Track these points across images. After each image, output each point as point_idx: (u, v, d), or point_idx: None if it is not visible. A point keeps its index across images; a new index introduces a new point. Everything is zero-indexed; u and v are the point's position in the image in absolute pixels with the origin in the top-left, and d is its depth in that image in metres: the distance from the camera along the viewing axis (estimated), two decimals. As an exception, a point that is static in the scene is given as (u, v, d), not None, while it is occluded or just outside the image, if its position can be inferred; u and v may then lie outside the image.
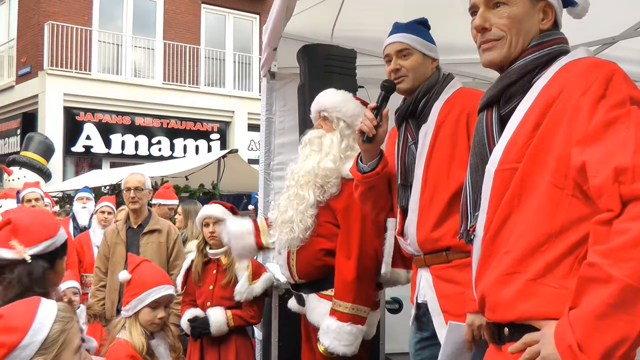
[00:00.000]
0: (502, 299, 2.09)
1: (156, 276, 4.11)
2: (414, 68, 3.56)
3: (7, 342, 2.02)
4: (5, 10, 24.25)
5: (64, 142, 20.96)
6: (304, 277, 4.33)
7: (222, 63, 24.47)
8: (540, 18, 2.30)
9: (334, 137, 4.24)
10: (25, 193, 8.10)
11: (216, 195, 13.73)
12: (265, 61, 6.03)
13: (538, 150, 2.07)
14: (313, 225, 4.19)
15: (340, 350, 4.02)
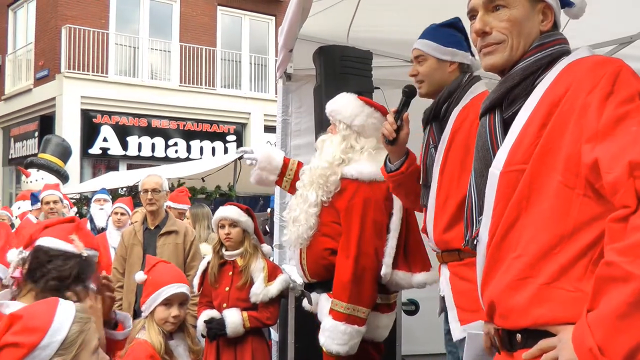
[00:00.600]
0: (515, 305, 2.03)
1: (169, 275, 4.17)
2: (428, 74, 3.63)
3: (27, 342, 2.03)
4: (23, 15, 24.43)
5: (81, 144, 21.08)
6: (315, 276, 4.39)
7: (238, 65, 24.52)
8: (540, 19, 2.26)
9: (333, 139, 4.33)
10: (44, 195, 8.15)
11: (232, 197, 13.73)
12: (281, 63, 6.04)
13: (546, 151, 2.02)
14: (316, 225, 4.25)
15: (334, 349, 4.05)
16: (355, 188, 4.17)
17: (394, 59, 6.37)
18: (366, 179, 4.17)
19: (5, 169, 25.22)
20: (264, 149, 4.94)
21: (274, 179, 4.84)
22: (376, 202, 4.15)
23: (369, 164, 4.19)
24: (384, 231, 4.19)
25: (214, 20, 24.24)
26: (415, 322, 5.73)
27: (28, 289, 2.86)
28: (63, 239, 2.97)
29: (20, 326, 2.05)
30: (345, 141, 4.30)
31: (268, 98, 23.75)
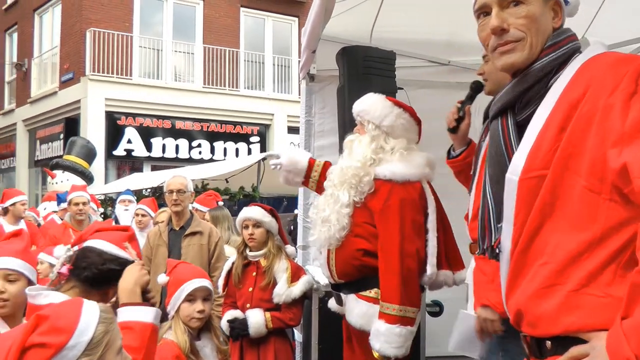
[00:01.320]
0: (544, 313, 1.97)
1: (190, 271, 4.22)
2: (490, 73, 3.77)
3: (55, 342, 2.03)
4: (48, 19, 24.65)
5: (106, 145, 21.22)
6: (343, 277, 4.35)
7: (261, 66, 24.56)
8: (552, 16, 2.18)
9: (362, 139, 4.31)
10: (73, 196, 8.22)
11: (256, 198, 13.76)
12: (305, 63, 6.04)
13: (568, 155, 1.95)
14: (349, 225, 4.22)
15: (391, 353, 4.02)
16: (389, 189, 4.14)
17: (417, 59, 6.36)
18: (399, 179, 4.14)
19: (31, 170, 25.45)
20: (289, 153, 4.93)
21: (299, 180, 4.84)
22: (412, 202, 4.13)
23: (401, 164, 4.18)
24: (422, 231, 4.19)
25: (237, 22, 24.29)
26: (439, 323, 5.70)
27: (71, 286, 2.93)
28: (117, 245, 3.08)
29: (47, 326, 2.06)
30: (375, 142, 4.28)
31: (291, 99, 23.75)
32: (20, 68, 26.08)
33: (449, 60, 6.40)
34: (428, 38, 6.05)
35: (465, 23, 3.78)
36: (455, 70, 6.42)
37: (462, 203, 3.84)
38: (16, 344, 2.00)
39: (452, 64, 6.42)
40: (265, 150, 21.27)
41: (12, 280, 3.41)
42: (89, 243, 3.05)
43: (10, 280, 3.40)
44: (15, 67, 26.58)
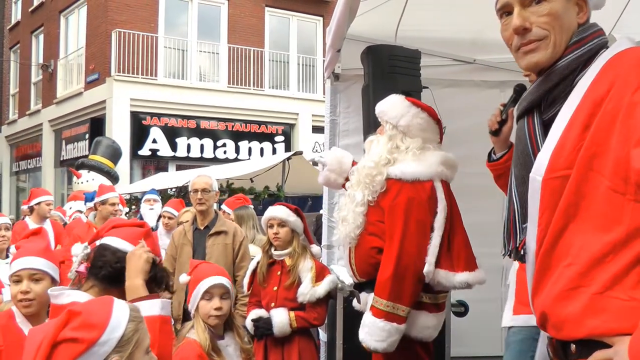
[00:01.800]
0: (568, 315, 1.93)
1: (207, 270, 4.20)
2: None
3: (87, 338, 2.04)
4: (74, 20, 24.83)
5: (131, 145, 21.34)
6: (363, 275, 4.39)
7: (286, 65, 24.58)
8: (576, 11, 2.13)
9: (380, 139, 4.36)
10: (108, 196, 8.25)
11: (281, 197, 13.77)
12: (329, 63, 6.03)
13: (591, 155, 1.90)
14: (364, 224, 4.26)
15: (372, 345, 4.06)
16: (399, 188, 4.17)
17: (442, 58, 6.33)
18: (409, 178, 4.16)
19: (57, 170, 25.66)
20: (334, 152, 4.98)
21: (341, 181, 4.84)
22: (419, 202, 4.13)
23: (413, 163, 4.20)
24: (427, 230, 4.18)
25: (261, 22, 24.32)
26: (464, 323, 5.68)
27: (90, 285, 2.93)
28: (131, 242, 3.04)
29: (79, 322, 2.07)
30: (391, 141, 4.32)
31: (316, 98, 23.74)
32: (46, 69, 26.30)
33: (474, 59, 6.37)
34: (453, 36, 6.03)
35: (491, 21, 3.76)
36: (481, 69, 6.39)
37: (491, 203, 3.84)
38: (48, 339, 2.01)
39: (477, 62, 6.39)
40: (290, 150, 21.24)
41: (37, 279, 3.46)
42: (104, 240, 3.04)
43: (35, 279, 3.46)
44: (42, 68, 26.80)
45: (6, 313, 3.53)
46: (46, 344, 2.00)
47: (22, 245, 3.71)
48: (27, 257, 3.52)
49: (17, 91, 29.99)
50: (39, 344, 2.01)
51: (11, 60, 30.59)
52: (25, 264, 3.50)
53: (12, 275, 3.50)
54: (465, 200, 5.82)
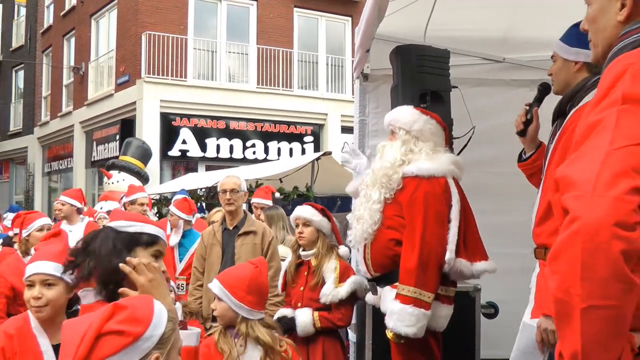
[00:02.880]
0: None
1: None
2: (555, 73, 3.79)
3: (133, 331, 2.05)
4: (105, 23, 25.06)
5: (161, 146, 21.47)
6: (379, 269, 4.58)
7: (315, 66, 24.58)
8: (618, 9, 2.12)
9: (394, 144, 4.60)
10: (139, 196, 8.32)
11: (310, 197, 13.76)
12: (358, 63, 6.02)
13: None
14: (381, 219, 4.49)
15: (403, 331, 4.21)
16: (416, 184, 4.40)
17: (471, 57, 6.30)
18: (425, 174, 4.40)
19: (88, 170, 25.89)
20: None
21: None
22: (436, 195, 4.37)
23: (427, 162, 4.44)
24: (445, 220, 4.40)
25: (290, 22, 24.35)
26: (494, 325, 5.65)
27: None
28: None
29: (125, 315, 2.08)
30: (405, 145, 4.55)
31: (345, 99, 23.70)
32: (77, 72, 26.56)
33: (504, 58, 6.33)
34: (483, 35, 5.99)
35: (520, 19, 3.74)
36: (511, 68, 6.35)
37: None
38: (92, 330, 2.02)
39: (507, 60, 6.34)
40: (319, 150, 21.24)
41: (50, 284, 3.37)
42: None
43: (47, 284, 3.36)
44: (73, 70, 27.08)
45: (21, 317, 3.47)
46: (91, 334, 2.01)
47: (40, 248, 3.62)
48: (40, 261, 3.42)
49: (49, 93, 30.30)
50: (83, 335, 2.02)
51: (43, 64, 30.91)
52: (37, 269, 3.40)
53: (25, 280, 3.42)
54: (495, 201, 5.79)
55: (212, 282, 3.98)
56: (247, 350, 3.78)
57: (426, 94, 5.23)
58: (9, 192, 33.74)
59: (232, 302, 3.75)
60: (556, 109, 3.71)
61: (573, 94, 3.58)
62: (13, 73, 34.11)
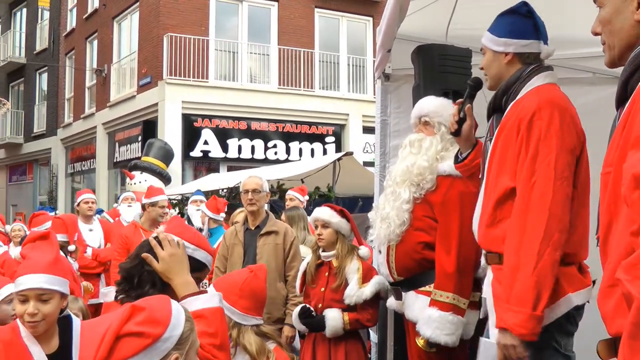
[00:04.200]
0: (607, 312, 1.95)
1: None
2: (486, 67, 3.62)
3: (152, 333, 2.06)
4: (127, 26, 25.21)
5: (183, 147, 21.55)
6: (403, 272, 4.44)
7: (336, 66, 24.58)
8: (634, 8, 2.09)
9: (434, 140, 4.40)
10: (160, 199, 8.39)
11: (332, 198, 13.76)
12: (380, 63, 6.00)
13: (623, 154, 1.89)
14: (409, 220, 4.32)
15: (443, 340, 4.08)
16: (449, 183, 4.25)
17: (494, 56, 6.25)
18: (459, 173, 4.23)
19: (111, 171, 26.04)
20: None
21: None
22: (470, 195, 4.10)
23: None
24: None
25: (311, 23, 24.36)
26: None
27: None
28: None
29: (144, 317, 2.09)
30: (443, 142, 4.39)
31: (366, 99, 23.69)
32: (100, 74, 26.72)
33: (526, 56, 6.28)
34: (505, 34, 5.95)
35: (544, 17, 3.70)
36: (533, 67, 6.30)
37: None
38: (112, 331, 2.03)
39: (529, 60, 6.30)
40: (341, 151, 21.23)
41: (45, 299, 3.13)
42: None
43: (43, 300, 3.12)
44: (95, 72, 27.25)
45: (10, 327, 3.21)
46: (110, 336, 2.02)
47: (28, 254, 3.28)
48: (33, 274, 3.13)
49: (72, 95, 30.51)
50: (103, 336, 2.03)
51: (67, 66, 31.12)
52: (31, 284, 3.11)
53: (19, 294, 3.14)
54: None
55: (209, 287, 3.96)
56: (236, 356, 3.68)
57: (448, 94, 5.19)
58: (33, 193, 34.02)
59: (224, 306, 3.68)
60: (490, 104, 3.61)
61: (508, 87, 3.45)
62: (37, 76, 34.37)
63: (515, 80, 3.44)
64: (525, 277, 3.01)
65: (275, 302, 6.05)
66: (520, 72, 3.46)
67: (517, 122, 3.24)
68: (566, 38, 5.20)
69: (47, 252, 3.26)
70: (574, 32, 5.07)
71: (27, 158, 34.80)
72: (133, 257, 2.94)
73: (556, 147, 3.12)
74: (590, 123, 5.38)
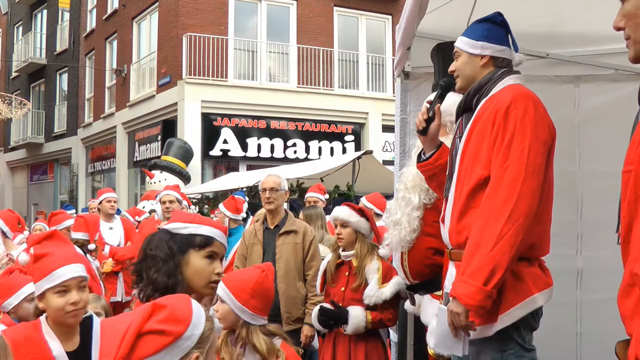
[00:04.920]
0: (625, 312, 1.92)
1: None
2: (460, 68, 3.72)
3: (174, 331, 2.05)
4: (146, 26, 25.33)
5: (202, 146, 21.63)
6: (417, 277, 4.48)
7: (355, 65, 24.56)
8: None
9: (445, 141, 4.27)
10: (162, 195, 8.47)
11: (351, 197, 13.76)
12: (399, 61, 5.97)
13: None
14: (420, 227, 4.34)
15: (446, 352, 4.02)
16: None
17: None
18: None
19: (131, 170, 26.17)
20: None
21: None
22: None
23: None
24: None
25: (330, 22, 24.36)
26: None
27: None
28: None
29: (166, 315, 2.08)
30: None
31: (386, 97, 23.68)
32: (119, 74, 26.85)
33: (547, 53, 6.22)
34: (525, 30, 5.88)
35: (565, 13, 3.67)
36: (554, 63, 6.23)
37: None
38: (133, 329, 2.02)
39: (550, 56, 6.23)
40: (360, 149, 21.22)
41: (83, 287, 3.32)
42: None
43: (82, 287, 3.30)
44: (115, 73, 27.40)
45: (32, 324, 3.34)
46: (131, 334, 2.01)
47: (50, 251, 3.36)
48: (70, 265, 3.29)
49: (92, 95, 30.70)
50: (124, 334, 2.02)
51: (87, 67, 31.30)
52: (72, 273, 3.28)
53: (57, 286, 3.24)
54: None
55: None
56: (246, 356, 3.66)
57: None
58: (54, 192, 34.31)
59: (234, 304, 3.62)
60: (460, 105, 3.71)
61: (480, 86, 3.57)
62: (57, 76, 34.64)
63: (488, 80, 3.58)
64: (484, 254, 3.13)
65: (295, 302, 6.04)
66: (492, 73, 3.61)
67: (493, 113, 3.36)
68: (588, 34, 5.16)
69: (64, 247, 3.42)
70: (596, 28, 5.02)
71: (48, 158, 35.09)
72: (138, 254, 2.96)
73: (530, 135, 3.26)
74: (612, 121, 5.34)
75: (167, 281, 2.76)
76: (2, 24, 40.77)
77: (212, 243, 2.95)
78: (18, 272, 4.47)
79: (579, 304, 5.81)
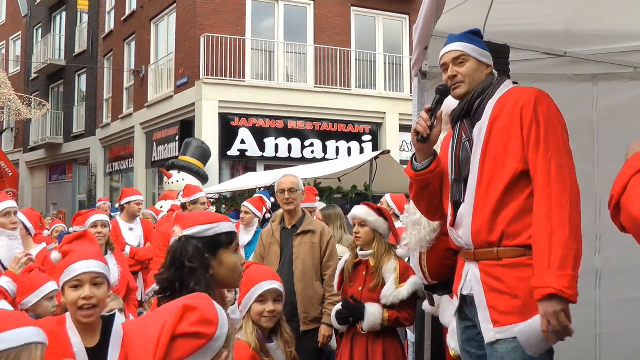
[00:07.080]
0: None
1: (262, 273, 4.17)
2: (469, 74, 3.72)
3: (207, 332, 2.07)
4: (164, 27, 25.42)
5: (220, 146, 21.65)
6: (436, 277, 4.47)
7: (372, 65, 24.53)
8: None
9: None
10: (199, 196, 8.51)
11: (369, 197, 13.72)
12: (416, 61, 5.96)
13: None
14: (439, 227, 4.28)
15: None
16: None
17: (531, 52, 6.17)
18: None
19: (149, 171, 26.27)
20: None
21: None
22: None
23: None
24: None
25: (347, 21, 24.34)
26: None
27: None
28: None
29: (197, 317, 2.08)
30: None
31: (403, 97, 23.65)
32: (137, 75, 26.96)
33: (565, 51, 6.19)
34: (543, 29, 5.87)
35: (585, 11, 3.66)
36: (572, 62, 6.20)
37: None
38: (167, 333, 2.03)
39: (568, 55, 6.20)
40: (378, 149, 21.18)
41: (99, 283, 3.30)
42: None
43: (96, 283, 3.29)
44: (133, 74, 27.51)
45: (57, 319, 3.35)
46: (166, 337, 2.02)
47: (73, 249, 3.46)
48: (85, 260, 3.32)
49: (110, 96, 30.85)
50: (158, 338, 2.03)
51: (105, 68, 31.44)
52: (86, 268, 3.29)
53: (71, 281, 3.28)
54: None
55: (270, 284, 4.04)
56: None
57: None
58: (73, 192, 34.55)
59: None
60: (458, 110, 3.74)
61: (483, 90, 3.67)
62: (76, 77, 34.84)
63: (489, 85, 3.70)
64: (562, 241, 3.19)
65: (313, 302, 6.03)
66: (490, 80, 3.74)
67: (519, 110, 3.47)
68: (606, 32, 5.13)
69: (90, 246, 3.47)
70: (614, 26, 4.99)
71: (67, 158, 35.30)
72: (168, 265, 2.97)
73: (559, 126, 3.46)
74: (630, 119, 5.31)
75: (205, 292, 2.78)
76: (22, 26, 41.02)
77: (235, 237, 3.00)
78: (37, 271, 4.52)
79: (598, 304, 5.77)
